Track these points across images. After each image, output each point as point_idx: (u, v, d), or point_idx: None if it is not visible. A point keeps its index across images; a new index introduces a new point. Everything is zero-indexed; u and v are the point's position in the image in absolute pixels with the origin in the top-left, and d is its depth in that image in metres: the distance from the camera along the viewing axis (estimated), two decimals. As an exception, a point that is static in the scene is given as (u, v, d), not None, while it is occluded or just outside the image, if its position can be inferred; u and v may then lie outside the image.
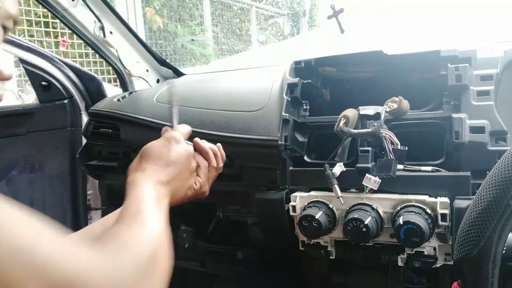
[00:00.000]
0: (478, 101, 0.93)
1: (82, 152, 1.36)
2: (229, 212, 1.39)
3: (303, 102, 1.13)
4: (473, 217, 0.57)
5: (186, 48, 5.77)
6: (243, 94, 1.21)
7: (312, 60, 1.15)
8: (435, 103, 1.03)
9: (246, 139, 1.07)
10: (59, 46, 3.77)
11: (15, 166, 1.51)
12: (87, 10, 1.31)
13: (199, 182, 0.91)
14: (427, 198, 0.89)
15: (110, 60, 1.48)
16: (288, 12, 7.71)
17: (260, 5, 7.32)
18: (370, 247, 0.98)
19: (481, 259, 0.56)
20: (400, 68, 1.11)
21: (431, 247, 0.91)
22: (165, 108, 1.25)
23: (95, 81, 1.51)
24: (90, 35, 1.38)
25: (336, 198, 0.94)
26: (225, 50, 6.55)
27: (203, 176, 0.91)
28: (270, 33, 7.72)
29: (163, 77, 1.65)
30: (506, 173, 0.54)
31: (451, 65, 0.96)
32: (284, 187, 1.06)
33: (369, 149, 0.95)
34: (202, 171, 0.91)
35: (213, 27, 6.28)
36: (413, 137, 0.98)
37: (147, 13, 4.87)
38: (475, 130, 0.90)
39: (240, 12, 7.09)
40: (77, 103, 1.47)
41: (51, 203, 1.47)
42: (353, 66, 1.18)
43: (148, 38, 4.99)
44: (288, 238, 1.07)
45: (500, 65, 0.99)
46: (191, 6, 5.97)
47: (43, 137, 1.47)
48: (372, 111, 0.98)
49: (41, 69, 1.44)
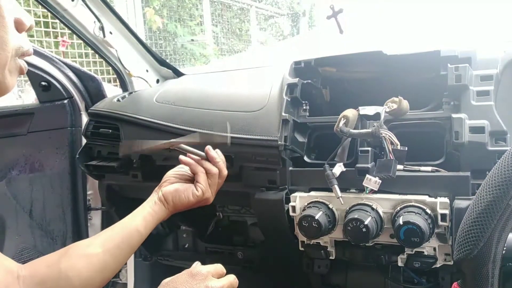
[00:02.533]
0: (478, 101, 0.93)
1: (82, 152, 1.36)
2: (229, 212, 1.40)
3: (303, 102, 1.13)
4: (473, 217, 0.57)
5: (186, 48, 5.76)
6: (243, 94, 1.21)
7: (312, 60, 1.15)
8: (435, 103, 1.03)
9: (246, 139, 1.07)
10: (59, 46, 3.76)
11: (15, 166, 1.51)
12: (87, 10, 1.31)
13: (201, 188, 0.93)
14: (427, 198, 0.89)
15: (110, 60, 1.48)
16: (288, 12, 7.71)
17: (260, 5, 7.32)
18: (370, 247, 0.98)
19: (481, 259, 0.56)
20: (400, 68, 1.11)
21: (431, 247, 0.91)
22: (165, 108, 1.25)
23: (95, 81, 1.51)
24: (89, 35, 1.38)
25: (336, 198, 0.94)
26: (225, 50, 6.55)
27: (204, 183, 0.94)
28: (270, 33, 7.72)
29: (163, 77, 1.65)
30: (506, 173, 0.54)
31: (451, 65, 0.97)
32: (284, 187, 1.06)
33: (369, 149, 0.95)
34: (203, 178, 0.94)
35: (213, 27, 6.28)
36: (413, 137, 0.98)
37: (147, 13, 4.87)
38: (475, 130, 0.90)
39: (240, 12, 7.09)
40: (77, 103, 1.46)
41: (51, 203, 1.47)
42: (353, 66, 1.18)
43: (148, 38, 4.98)
44: (288, 238, 1.07)
45: (500, 65, 0.99)
46: (191, 6, 5.97)
47: (43, 137, 1.47)
48: (372, 111, 0.98)
49: (41, 69, 1.44)
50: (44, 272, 0.77)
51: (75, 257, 0.80)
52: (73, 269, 0.78)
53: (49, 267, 0.78)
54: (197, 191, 0.93)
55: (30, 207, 1.50)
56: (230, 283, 0.76)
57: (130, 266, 1.58)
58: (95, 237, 0.87)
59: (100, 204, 1.49)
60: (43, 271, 0.77)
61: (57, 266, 0.78)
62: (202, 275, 0.74)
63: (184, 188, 0.94)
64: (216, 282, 0.74)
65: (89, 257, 0.81)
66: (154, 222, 0.91)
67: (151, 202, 0.93)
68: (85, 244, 0.84)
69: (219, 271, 0.78)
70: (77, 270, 0.79)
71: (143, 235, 0.89)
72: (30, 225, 1.50)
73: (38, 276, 0.76)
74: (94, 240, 0.85)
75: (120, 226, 0.88)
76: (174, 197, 0.93)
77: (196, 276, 0.73)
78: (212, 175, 0.95)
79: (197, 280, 0.72)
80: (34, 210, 1.49)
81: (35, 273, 0.77)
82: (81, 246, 0.83)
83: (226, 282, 0.75)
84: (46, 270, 0.77)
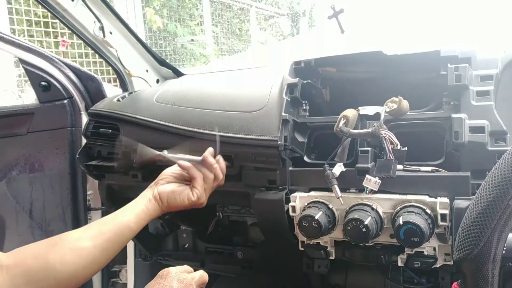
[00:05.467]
0: (478, 101, 0.93)
1: (82, 152, 1.36)
2: (229, 212, 1.40)
3: (303, 102, 1.13)
4: (473, 217, 0.57)
5: (186, 48, 5.77)
6: (243, 94, 1.21)
7: (312, 60, 1.15)
8: (435, 103, 1.03)
9: (246, 139, 1.07)
10: (59, 46, 3.77)
11: (15, 166, 1.51)
12: (87, 10, 1.31)
13: (197, 194, 0.94)
14: (427, 198, 0.89)
15: (110, 60, 1.48)
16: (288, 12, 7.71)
17: (260, 5, 7.33)
18: (370, 247, 0.98)
19: (481, 259, 0.56)
20: (400, 68, 1.11)
21: (431, 247, 0.91)
22: (165, 108, 1.25)
23: (95, 81, 1.51)
24: (90, 35, 1.38)
25: (336, 198, 0.94)
26: (225, 50, 6.56)
27: (201, 188, 0.94)
28: (270, 33, 7.72)
29: (163, 77, 1.65)
30: (506, 173, 0.54)
31: (451, 65, 0.96)
32: (283, 187, 1.06)
33: (369, 149, 0.95)
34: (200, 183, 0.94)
35: (213, 27, 6.28)
36: (413, 137, 0.98)
37: (147, 13, 4.87)
38: (475, 130, 0.90)
39: (240, 12, 7.09)
40: (77, 103, 1.47)
41: (51, 203, 1.47)
42: (353, 66, 1.18)
43: (148, 38, 4.99)
44: (288, 238, 1.07)
45: (500, 65, 0.99)
46: (191, 6, 5.98)
47: (43, 137, 1.47)
48: (372, 111, 0.98)
49: (41, 69, 1.44)
50: (31, 263, 0.76)
51: (64, 250, 0.79)
52: (61, 262, 0.77)
53: (36, 259, 0.76)
54: (193, 196, 0.94)
55: (30, 207, 1.50)
56: (200, 276, 0.80)
57: (130, 266, 1.58)
58: (84, 229, 0.85)
59: (100, 204, 1.49)
60: (29, 262, 0.76)
61: (44, 258, 0.77)
62: (172, 273, 0.77)
63: (180, 190, 0.94)
64: (187, 275, 0.78)
65: (78, 251, 0.80)
66: (146, 219, 0.91)
67: (145, 199, 0.93)
68: (75, 237, 0.82)
69: (187, 269, 0.81)
70: (65, 263, 0.78)
71: (134, 232, 0.89)
72: (30, 225, 1.50)
73: (24, 266, 0.75)
74: (84, 233, 0.83)
75: (112, 220, 0.87)
76: (169, 197, 0.93)
77: (167, 275, 0.77)
78: (208, 180, 0.96)
79: (168, 279, 0.76)
80: (34, 210, 1.49)
81: (20, 263, 0.75)
82: (71, 238, 0.82)
83: (196, 275, 0.79)
84: (33, 261, 0.76)
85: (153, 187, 0.95)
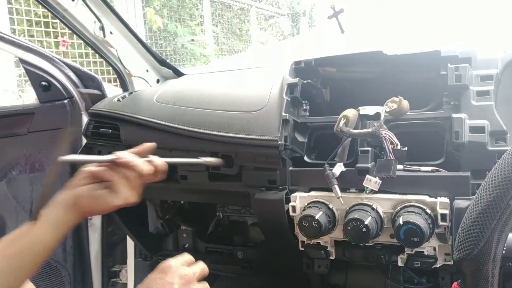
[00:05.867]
0: (478, 101, 0.93)
1: (82, 152, 1.36)
2: (229, 212, 1.40)
3: (303, 102, 1.13)
4: (473, 217, 0.57)
5: (186, 48, 5.77)
6: (243, 94, 1.21)
7: (312, 60, 1.15)
8: (435, 103, 1.03)
9: (246, 139, 1.07)
10: (59, 46, 3.77)
11: (15, 166, 1.51)
12: (87, 10, 1.31)
13: (121, 196, 0.81)
14: (427, 198, 0.89)
15: (110, 60, 1.48)
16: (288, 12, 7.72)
17: (260, 5, 7.33)
18: (370, 247, 0.98)
19: (481, 259, 0.56)
20: (400, 68, 1.11)
21: (431, 247, 0.91)
22: (165, 108, 1.25)
23: (95, 81, 1.51)
24: (90, 35, 1.38)
25: (336, 198, 0.94)
26: (225, 50, 6.56)
27: (124, 189, 0.81)
28: (270, 33, 7.73)
29: (163, 77, 1.65)
30: (506, 173, 0.54)
31: (451, 65, 0.96)
32: (284, 187, 1.06)
33: (369, 149, 0.95)
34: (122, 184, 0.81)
35: (213, 27, 6.29)
36: (413, 137, 0.98)
37: (147, 13, 4.88)
38: (475, 130, 0.90)
39: (240, 12, 7.09)
40: (77, 103, 1.47)
41: (51, 203, 1.47)
42: (353, 66, 1.18)
43: (148, 38, 4.99)
44: (288, 238, 1.07)
45: (500, 65, 0.99)
46: (191, 6, 5.98)
47: (43, 137, 1.47)
48: (372, 111, 0.98)
49: (41, 69, 1.44)
50: None
51: None
52: None
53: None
54: (118, 200, 0.80)
55: (30, 207, 1.50)
56: (201, 269, 0.78)
57: (130, 266, 1.58)
58: None
59: (100, 204, 1.49)
60: None
61: None
62: (173, 267, 0.75)
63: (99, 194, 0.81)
64: (188, 269, 0.76)
65: None
66: (64, 229, 0.80)
67: (59, 208, 0.82)
68: None
69: (188, 260, 0.79)
70: None
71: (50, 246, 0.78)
72: (30, 225, 1.50)
73: None
74: None
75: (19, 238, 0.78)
76: (90, 203, 0.81)
77: (168, 270, 0.74)
78: (131, 179, 0.81)
79: (169, 274, 0.73)
80: (34, 210, 1.49)
81: None
82: None
83: (197, 269, 0.77)
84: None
85: (69, 193, 0.83)
